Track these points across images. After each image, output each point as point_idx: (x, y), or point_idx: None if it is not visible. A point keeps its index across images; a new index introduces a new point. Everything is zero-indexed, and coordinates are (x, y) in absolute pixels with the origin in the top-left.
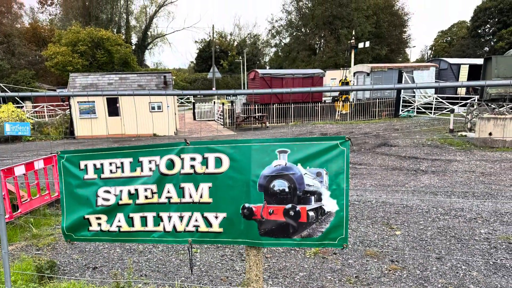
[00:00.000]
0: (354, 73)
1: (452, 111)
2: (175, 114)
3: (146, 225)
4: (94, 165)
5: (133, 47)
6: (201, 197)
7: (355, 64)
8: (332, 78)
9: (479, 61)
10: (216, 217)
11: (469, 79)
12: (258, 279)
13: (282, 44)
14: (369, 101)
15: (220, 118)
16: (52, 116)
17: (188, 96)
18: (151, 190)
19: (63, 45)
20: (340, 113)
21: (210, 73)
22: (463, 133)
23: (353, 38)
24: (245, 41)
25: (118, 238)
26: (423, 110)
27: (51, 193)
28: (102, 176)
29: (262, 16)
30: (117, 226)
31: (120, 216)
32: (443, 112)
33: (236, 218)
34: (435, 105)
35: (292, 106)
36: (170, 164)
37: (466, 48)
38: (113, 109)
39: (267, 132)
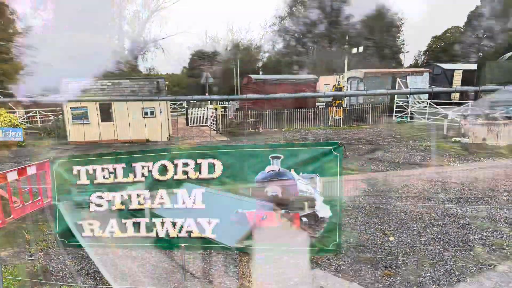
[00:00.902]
0: (348, 79)
1: (446, 116)
2: (168, 119)
3: (139, 231)
4: (87, 170)
5: (126, 52)
6: (194, 202)
7: (348, 69)
8: (325, 84)
9: (473, 66)
10: (209, 223)
11: (463, 84)
12: (252, 285)
13: (276, 49)
14: (363, 106)
15: (213, 124)
16: (44, 121)
17: (181, 102)
18: (144, 195)
19: None
20: (334, 119)
21: (203, 79)
22: (457, 139)
23: (346, 43)
24: (238, 46)
25: (111, 244)
26: (417, 115)
27: (43, 199)
28: (95, 181)
29: (255, 21)
30: (110, 232)
31: (113, 221)
32: (437, 117)
33: (229, 223)
34: (428, 110)
35: (286, 111)
36: (163, 170)
37: (459, 53)
38: (105, 114)
39: (260, 137)
